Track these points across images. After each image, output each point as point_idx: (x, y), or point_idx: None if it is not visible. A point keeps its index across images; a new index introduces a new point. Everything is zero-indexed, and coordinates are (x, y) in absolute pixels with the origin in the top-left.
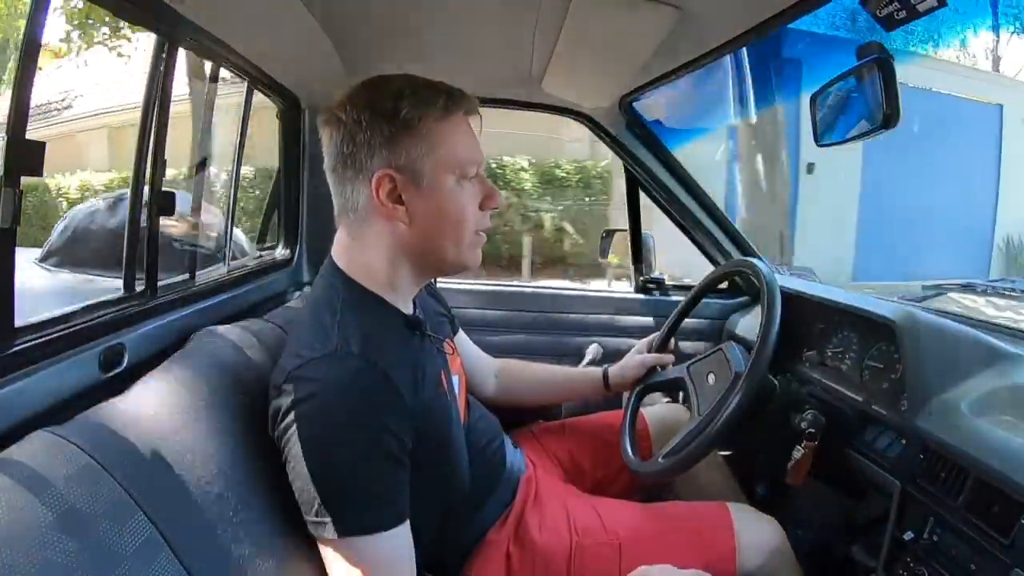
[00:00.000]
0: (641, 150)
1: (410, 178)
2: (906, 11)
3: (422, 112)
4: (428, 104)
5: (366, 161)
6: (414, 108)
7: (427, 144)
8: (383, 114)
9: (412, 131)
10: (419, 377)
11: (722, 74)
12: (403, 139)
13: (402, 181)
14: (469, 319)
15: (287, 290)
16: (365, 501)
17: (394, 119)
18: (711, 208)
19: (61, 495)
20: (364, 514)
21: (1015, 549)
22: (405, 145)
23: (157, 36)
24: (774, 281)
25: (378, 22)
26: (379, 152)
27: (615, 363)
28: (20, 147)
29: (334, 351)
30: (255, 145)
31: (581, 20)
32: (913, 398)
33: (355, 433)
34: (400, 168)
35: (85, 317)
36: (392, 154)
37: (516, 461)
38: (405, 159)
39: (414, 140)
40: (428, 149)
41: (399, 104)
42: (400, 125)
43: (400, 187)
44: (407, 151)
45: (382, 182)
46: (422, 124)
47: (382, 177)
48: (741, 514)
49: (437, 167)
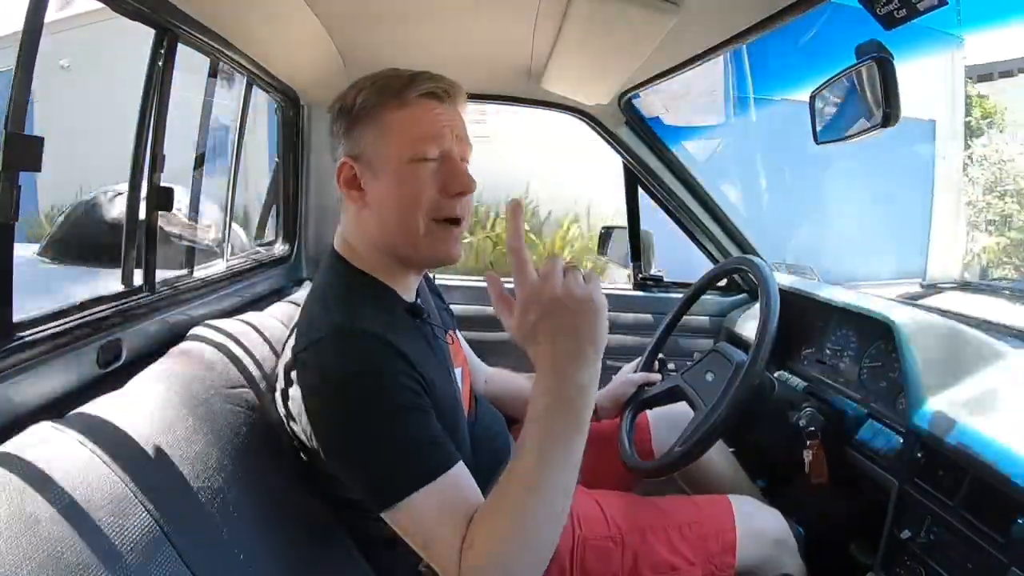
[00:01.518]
0: (640, 147)
1: (366, 165)
2: (906, 9)
3: (376, 100)
4: (384, 91)
5: (336, 151)
6: (369, 97)
7: (380, 130)
8: (344, 107)
9: (365, 119)
10: (424, 360)
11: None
12: (357, 128)
13: (360, 168)
14: (467, 316)
15: (286, 286)
16: (413, 456)
17: (351, 110)
18: (710, 205)
19: (61, 488)
20: (416, 466)
21: (1012, 547)
22: (360, 133)
23: (156, 30)
24: (772, 279)
25: (377, 18)
26: (342, 143)
27: (602, 388)
28: (18, 142)
29: (338, 328)
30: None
31: (581, 17)
32: (911, 397)
33: (375, 401)
34: (356, 156)
35: (83, 312)
36: (350, 143)
37: None
38: (361, 147)
39: (368, 128)
40: (380, 134)
41: (358, 96)
42: (355, 115)
43: (359, 174)
44: (362, 139)
45: (342, 170)
46: (375, 111)
47: (341, 165)
48: (743, 506)
49: (388, 153)
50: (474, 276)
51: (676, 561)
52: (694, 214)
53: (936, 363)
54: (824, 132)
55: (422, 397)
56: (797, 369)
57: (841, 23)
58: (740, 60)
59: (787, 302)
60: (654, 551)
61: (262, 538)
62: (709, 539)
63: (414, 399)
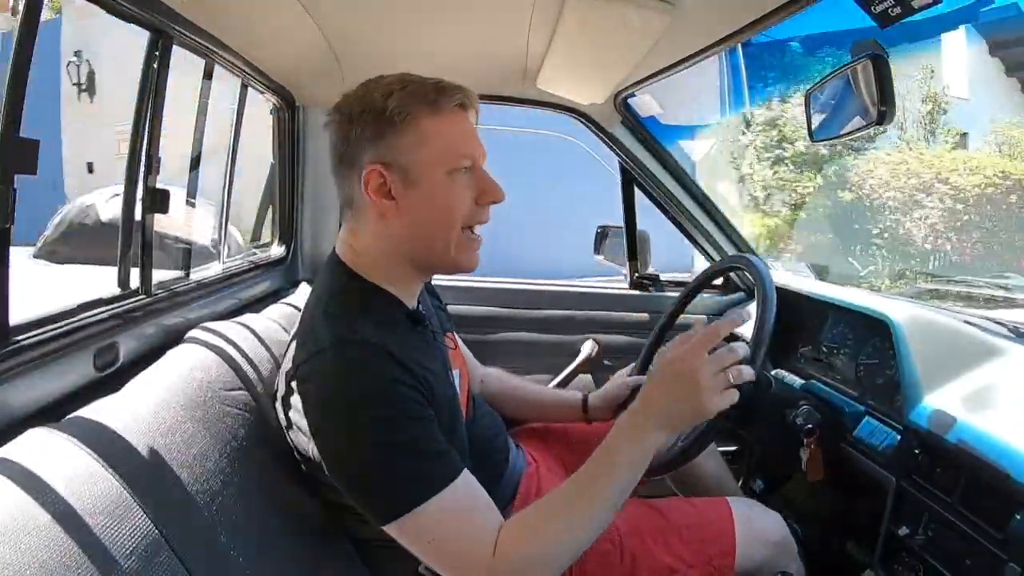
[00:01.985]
0: (636, 146)
1: (399, 173)
2: (901, 7)
3: (410, 107)
4: (417, 99)
5: (357, 156)
6: (402, 103)
7: (415, 138)
8: (372, 110)
9: (399, 126)
10: (425, 367)
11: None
12: (390, 134)
13: (391, 176)
14: (464, 316)
15: (282, 288)
16: (416, 468)
17: (382, 114)
18: (706, 204)
19: (58, 493)
20: (421, 479)
21: (1009, 544)
22: (392, 140)
23: (151, 32)
24: (769, 277)
25: (373, 19)
26: (368, 147)
27: (595, 391)
28: (14, 145)
29: (339, 339)
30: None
31: (576, 17)
32: (908, 394)
33: (377, 412)
34: (388, 163)
35: (79, 316)
36: (380, 149)
37: (518, 459)
38: (393, 154)
39: (401, 135)
40: (416, 143)
41: (388, 100)
42: (387, 120)
43: (389, 182)
44: (395, 146)
45: (371, 177)
46: (410, 119)
47: (371, 172)
48: (742, 508)
49: (425, 161)
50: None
51: (675, 564)
52: (690, 213)
53: (933, 360)
54: (820, 130)
55: (425, 407)
56: (794, 367)
57: None
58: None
59: (784, 300)
60: (653, 554)
61: (261, 541)
62: (708, 542)
63: (417, 409)
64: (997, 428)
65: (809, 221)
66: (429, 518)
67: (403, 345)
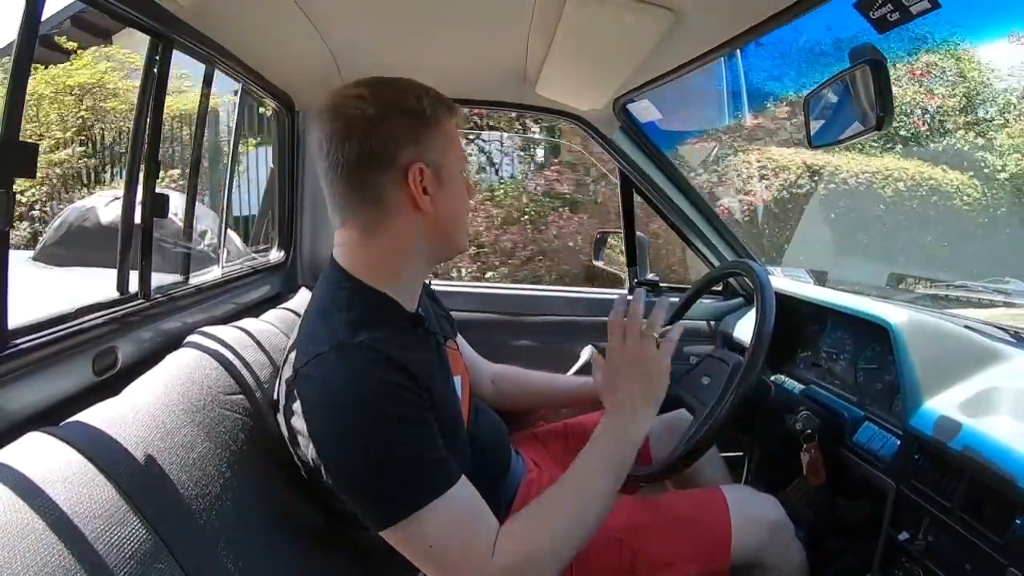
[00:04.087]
0: (635, 152)
1: (435, 171)
2: (899, 13)
3: (441, 111)
4: (441, 103)
5: (392, 154)
6: (434, 106)
7: (446, 140)
8: (409, 110)
9: (434, 128)
10: (426, 369)
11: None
12: (427, 134)
13: (429, 174)
14: (463, 321)
15: (282, 292)
16: (414, 473)
17: (421, 115)
18: (705, 210)
19: (58, 497)
20: (419, 485)
21: (1010, 549)
22: (430, 140)
23: (151, 37)
24: (768, 282)
25: (373, 25)
26: (408, 146)
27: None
28: (13, 149)
29: (339, 344)
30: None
31: (575, 22)
32: (907, 399)
33: (376, 415)
34: (428, 162)
35: (78, 320)
36: (421, 148)
37: (517, 464)
38: (431, 153)
39: (436, 136)
40: (446, 145)
41: (422, 102)
42: (425, 121)
43: (426, 179)
44: (432, 147)
45: (417, 173)
46: (441, 121)
47: (418, 169)
48: (736, 494)
49: (451, 162)
50: (473, 282)
51: (673, 558)
52: (689, 218)
53: (933, 365)
54: (818, 135)
55: (425, 412)
56: (793, 373)
57: None
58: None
59: (783, 306)
60: (651, 549)
61: (260, 546)
62: (705, 533)
63: (418, 414)
64: (999, 432)
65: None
66: (427, 524)
67: (404, 349)
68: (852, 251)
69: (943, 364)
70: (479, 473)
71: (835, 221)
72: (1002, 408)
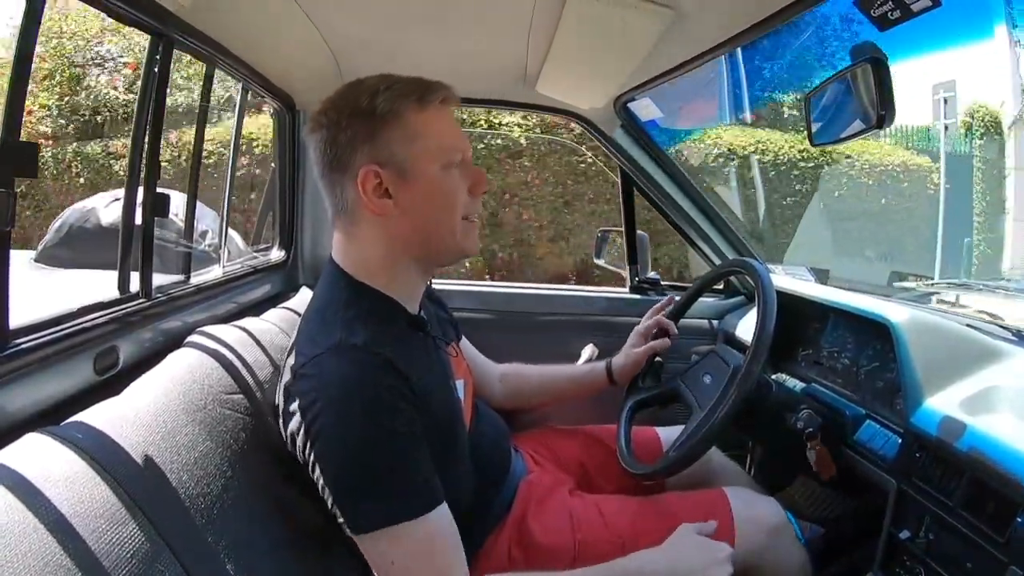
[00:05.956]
0: (636, 151)
1: (395, 171)
2: (900, 11)
3: (398, 105)
4: (404, 96)
5: (349, 159)
6: (389, 102)
7: (407, 135)
8: (360, 112)
9: (390, 124)
10: (423, 374)
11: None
12: (382, 133)
13: (387, 175)
14: (463, 319)
15: (283, 292)
16: (396, 486)
17: (371, 115)
18: (706, 209)
19: (59, 497)
20: (398, 500)
21: (1011, 547)
22: (385, 139)
23: (152, 36)
24: (770, 281)
25: (373, 24)
26: (361, 149)
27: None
28: (13, 148)
29: (337, 344)
30: None
31: (576, 21)
32: (909, 397)
33: (369, 420)
34: (383, 162)
35: (79, 319)
36: (373, 149)
37: (517, 465)
38: (387, 153)
39: (392, 132)
40: (406, 138)
41: (375, 100)
42: (378, 120)
43: (386, 181)
44: (388, 145)
45: (367, 177)
46: (398, 115)
47: (367, 173)
48: (738, 496)
49: (418, 156)
50: (474, 280)
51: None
52: (690, 217)
53: (934, 363)
54: (819, 134)
55: (415, 423)
56: (794, 371)
57: None
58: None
59: (784, 304)
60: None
61: (262, 545)
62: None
63: (408, 424)
64: (1002, 431)
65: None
66: (395, 542)
67: (402, 353)
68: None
69: (944, 362)
70: (479, 474)
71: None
72: (1003, 406)
